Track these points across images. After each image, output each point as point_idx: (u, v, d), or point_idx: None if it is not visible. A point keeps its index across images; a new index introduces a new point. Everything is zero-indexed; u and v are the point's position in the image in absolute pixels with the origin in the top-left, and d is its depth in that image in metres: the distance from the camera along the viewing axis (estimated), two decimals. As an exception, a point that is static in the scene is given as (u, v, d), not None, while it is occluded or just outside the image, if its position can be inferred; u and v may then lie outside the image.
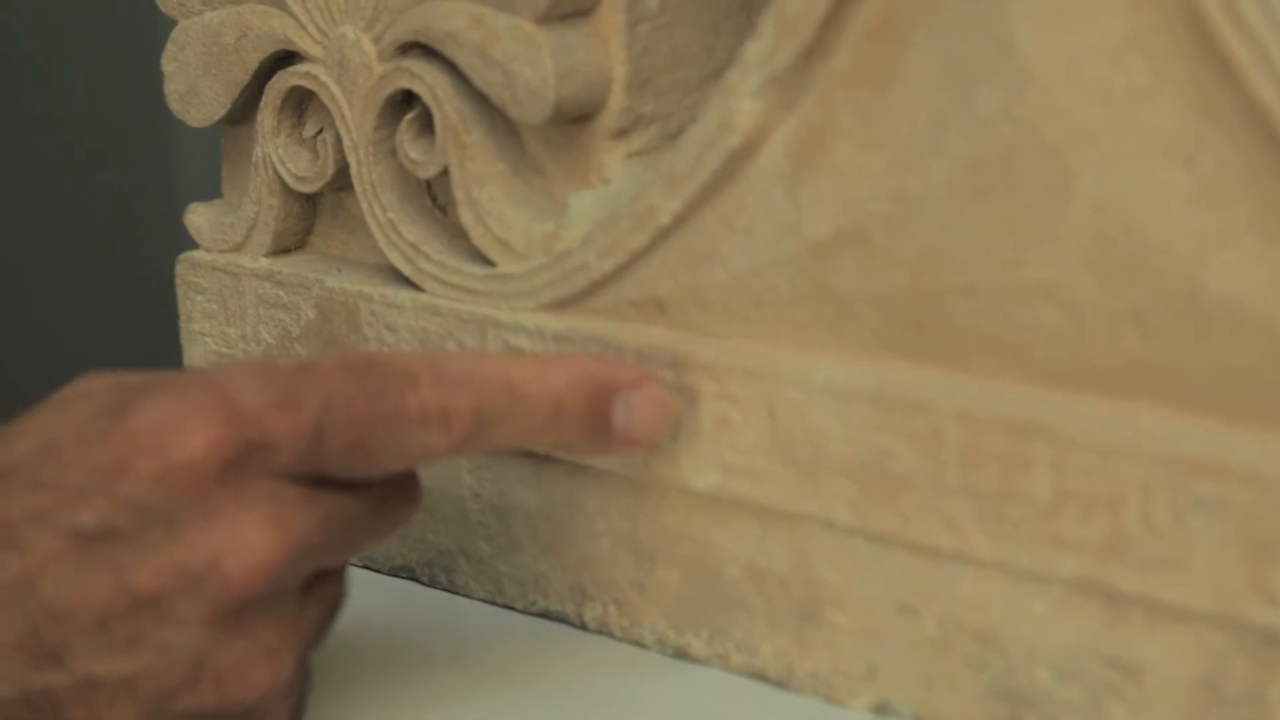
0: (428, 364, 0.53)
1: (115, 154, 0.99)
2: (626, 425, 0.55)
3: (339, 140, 0.63)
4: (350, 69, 0.62)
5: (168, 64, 0.66)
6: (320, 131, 0.64)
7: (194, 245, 0.68)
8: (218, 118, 0.66)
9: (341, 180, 0.64)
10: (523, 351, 0.59)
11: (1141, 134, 0.49)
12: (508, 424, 0.54)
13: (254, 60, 0.64)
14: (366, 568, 0.66)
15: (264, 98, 0.64)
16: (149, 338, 0.87)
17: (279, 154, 0.64)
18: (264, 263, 0.66)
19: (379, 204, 0.62)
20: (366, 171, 0.62)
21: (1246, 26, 0.46)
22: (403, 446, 0.53)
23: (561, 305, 0.59)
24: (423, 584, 0.64)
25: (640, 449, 0.56)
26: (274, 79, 0.64)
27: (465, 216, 0.61)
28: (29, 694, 0.49)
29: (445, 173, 0.61)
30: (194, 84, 0.66)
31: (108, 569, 0.49)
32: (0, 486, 0.50)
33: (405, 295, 0.62)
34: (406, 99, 0.61)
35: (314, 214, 0.66)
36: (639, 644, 0.60)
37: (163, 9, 0.66)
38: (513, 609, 0.63)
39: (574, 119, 0.59)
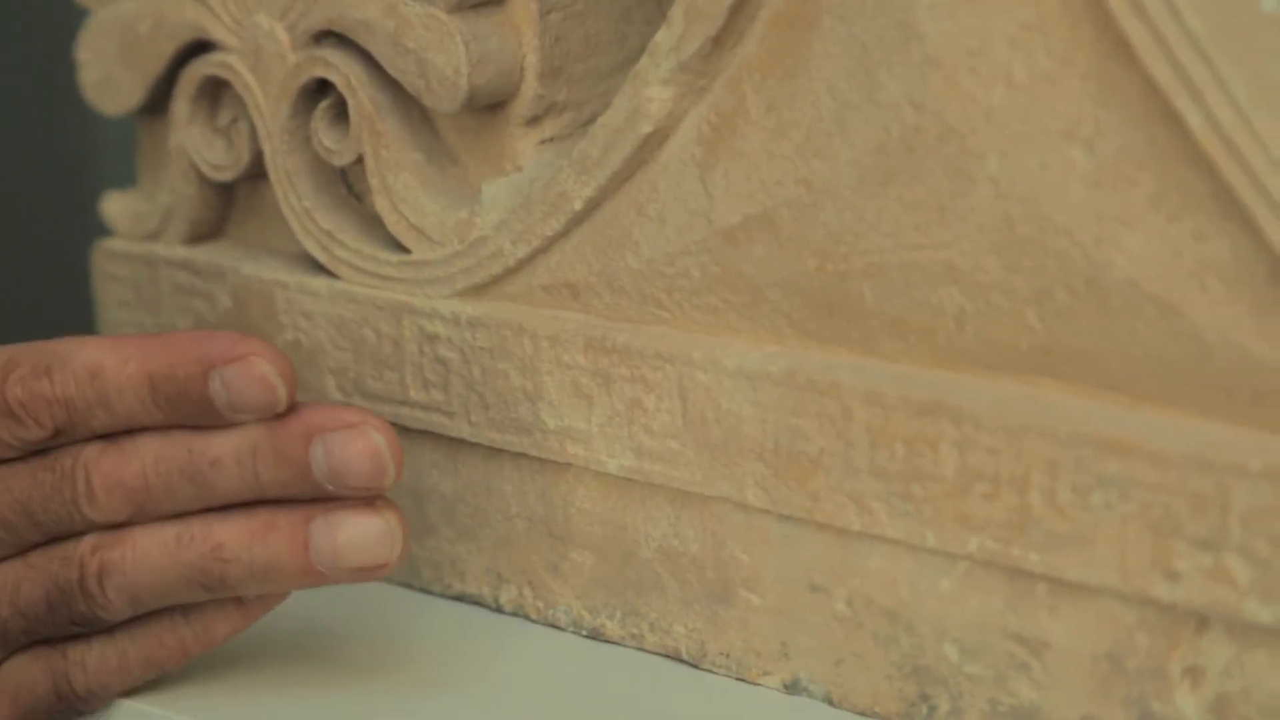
0: (32, 356, 0.55)
1: (31, 142, 0.99)
2: (227, 401, 0.54)
3: (254, 129, 0.63)
4: (264, 58, 0.62)
5: (83, 53, 0.66)
6: (235, 120, 0.64)
7: (111, 234, 0.68)
8: (133, 107, 0.66)
9: (257, 169, 0.64)
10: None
11: (1043, 117, 0.49)
12: (102, 411, 0.55)
13: (168, 49, 0.64)
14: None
15: (178, 87, 0.64)
16: (65, 326, 0.87)
17: (194, 143, 0.65)
18: (180, 251, 0.66)
19: (294, 192, 0.63)
20: (281, 160, 0.63)
21: (1141, 8, 0.47)
22: (2, 436, 0.55)
23: (476, 291, 0.60)
24: (340, 569, 0.65)
25: (247, 416, 0.55)
26: (188, 68, 0.64)
27: (380, 204, 0.61)
28: None
29: (360, 161, 0.61)
30: (109, 73, 0.66)
31: None
32: None
33: (321, 283, 0.62)
34: (321, 87, 0.62)
35: (230, 202, 0.66)
36: (554, 626, 0.60)
37: (77, -1, 0.66)
38: (429, 593, 0.63)
39: (487, 107, 0.59)
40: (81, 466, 0.55)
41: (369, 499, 0.54)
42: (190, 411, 0.55)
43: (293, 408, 0.55)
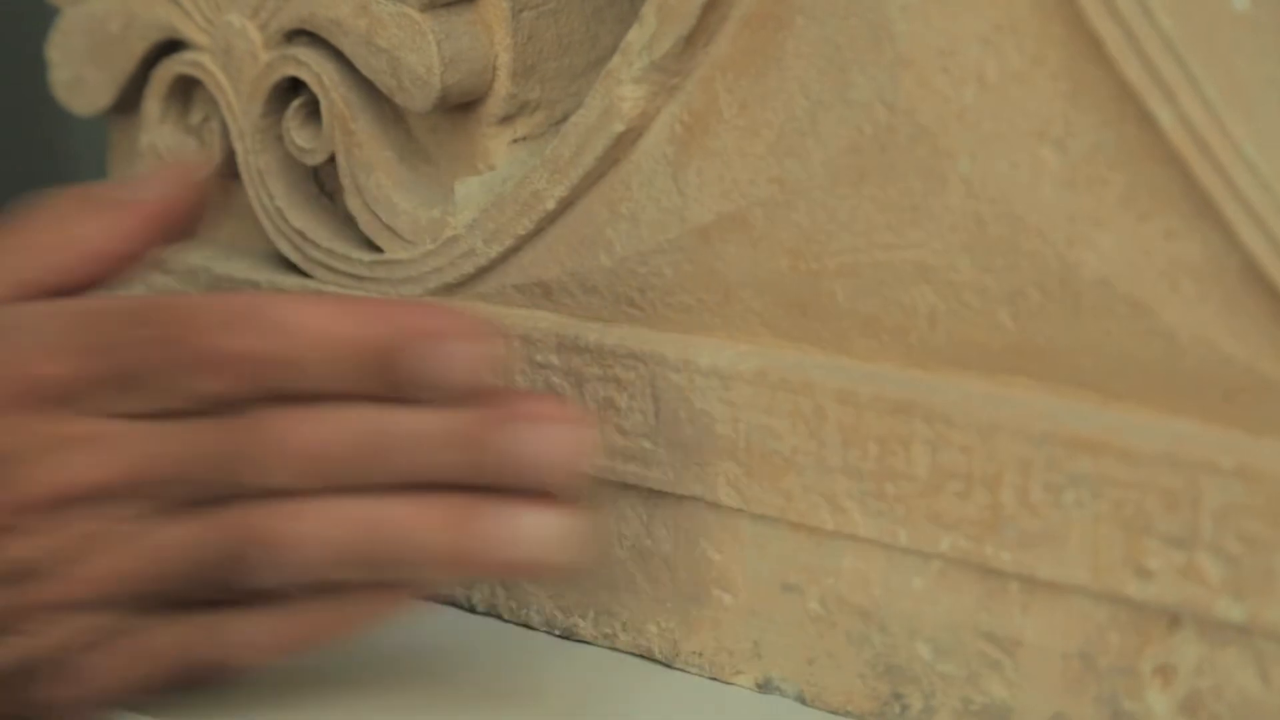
0: (222, 305, 0.53)
1: (2, 143, 0.99)
2: (427, 377, 0.52)
3: (225, 128, 0.63)
4: (236, 56, 0.62)
5: (53, 52, 0.66)
6: (206, 119, 0.64)
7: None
8: (104, 106, 0.66)
9: (229, 168, 0.64)
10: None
11: (1015, 117, 0.50)
12: (294, 373, 0.52)
13: (140, 48, 0.64)
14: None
15: (149, 86, 0.64)
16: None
17: (165, 142, 0.64)
18: (151, 250, 0.66)
19: (266, 191, 0.63)
20: (253, 159, 0.62)
21: (1114, 8, 0.47)
22: (181, 389, 0.52)
23: (449, 291, 0.60)
24: (312, 569, 0.65)
25: (451, 393, 0.52)
26: (159, 67, 0.64)
27: (353, 203, 0.61)
28: None
29: (332, 160, 0.61)
30: (80, 72, 0.66)
31: None
32: None
33: (293, 282, 0.62)
34: (293, 86, 0.62)
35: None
36: (527, 625, 0.60)
37: (48, -2, 0.66)
38: (402, 593, 0.63)
39: (460, 106, 0.59)
40: (265, 429, 0.52)
41: (547, 495, 0.52)
42: (385, 383, 0.52)
43: (489, 390, 0.52)
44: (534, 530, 0.52)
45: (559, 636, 0.60)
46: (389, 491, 0.52)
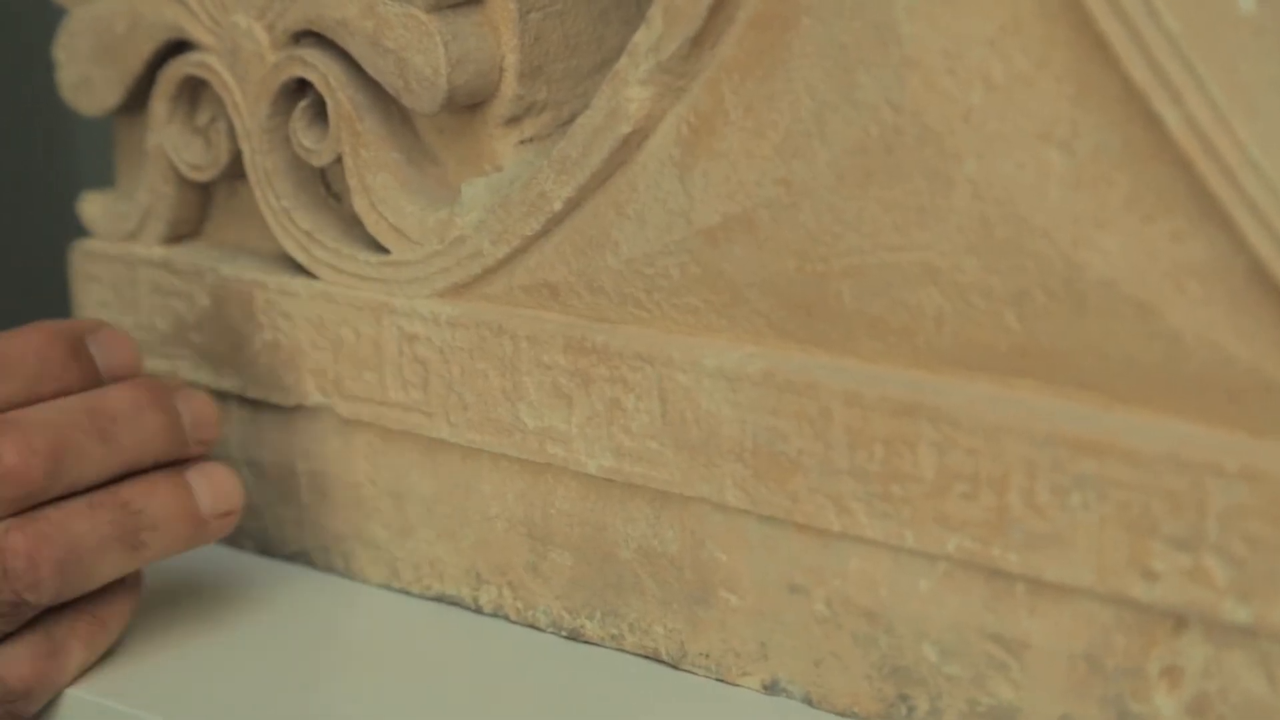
0: None
1: (8, 143, 0.99)
2: (107, 363, 0.59)
3: (232, 129, 0.63)
4: (243, 57, 0.62)
5: (60, 53, 0.66)
6: (213, 120, 0.64)
7: (89, 234, 0.68)
8: (111, 106, 0.66)
9: (236, 169, 0.64)
10: (416, 337, 0.60)
11: (1020, 118, 0.49)
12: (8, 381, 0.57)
13: (146, 49, 0.64)
14: (263, 554, 0.66)
15: (156, 86, 0.64)
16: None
17: (172, 143, 0.64)
18: (158, 251, 0.66)
19: (273, 192, 0.63)
20: (260, 160, 0.62)
21: (1120, 9, 0.47)
22: None
23: (456, 291, 0.60)
24: (319, 569, 0.65)
25: (126, 376, 0.59)
26: (166, 68, 0.64)
27: (359, 204, 0.61)
28: None
29: (339, 161, 0.61)
30: (87, 73, 0.66)
31: None
32: None
33: (300, 283, 0.62)
34: (299, 87, 0.62)
35: (208, 202, 0.66)
36: (534, 627, 0.60)
37: (55, -2, 0.66)
38: (408, 593, 0.63)
39: (467, 106, 0.59)
40: None
41: (204, 456, 0.60)
42: (77, 375, 0.58)
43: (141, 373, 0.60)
44: (225, 480, 0.59)
45: (565, 638, 0.60)
46: (116, 477, 0.58)
